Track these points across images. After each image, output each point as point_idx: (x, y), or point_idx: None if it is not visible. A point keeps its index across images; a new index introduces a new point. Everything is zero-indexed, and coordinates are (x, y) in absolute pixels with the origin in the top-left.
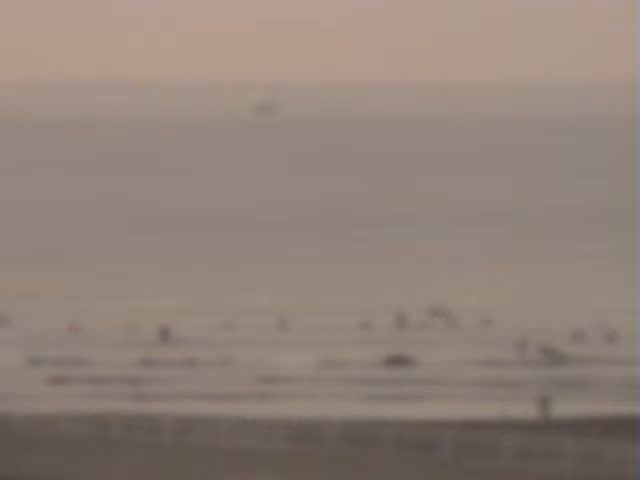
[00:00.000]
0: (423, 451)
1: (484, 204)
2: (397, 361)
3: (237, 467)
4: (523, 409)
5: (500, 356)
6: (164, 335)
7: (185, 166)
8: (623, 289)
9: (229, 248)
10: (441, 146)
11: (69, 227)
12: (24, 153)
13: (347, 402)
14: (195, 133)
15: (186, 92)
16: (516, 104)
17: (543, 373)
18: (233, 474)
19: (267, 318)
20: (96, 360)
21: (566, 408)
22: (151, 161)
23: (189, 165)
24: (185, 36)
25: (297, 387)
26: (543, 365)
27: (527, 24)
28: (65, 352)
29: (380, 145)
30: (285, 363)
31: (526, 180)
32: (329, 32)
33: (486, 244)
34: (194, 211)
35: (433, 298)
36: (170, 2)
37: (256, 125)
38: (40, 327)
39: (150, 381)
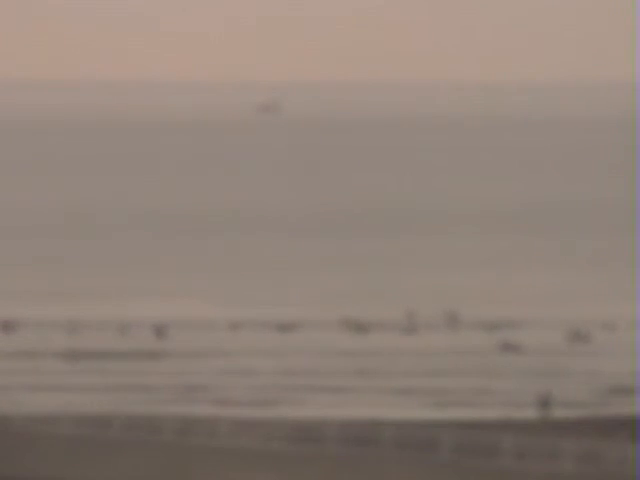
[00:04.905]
0: (423, 451)
1: (484, 205)
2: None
3: (237, 467)
4: (523, 410)
5: (498, 357)
6: (162, 336)
7: (187, 166)
8: (628, 293)
9: (230, 248)
10: (443, 146)
11: (69, 227)
12: (24, 153)
13: (348, 405)
14: (197, 133)
15: (188, 92)
16: (517, 104)
17: (542, 374)
18: (233, 474)
19: (272, 319)
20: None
21: (565, 408)
22: (152, 161)
23: (191, 165)
24: (186, 36)
25: (298, 392)
26: (542, 366)
27: (527, 24)
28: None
29: (383, 145)
30: (288, 366)
31: (529, 181)
32: (331, 32)
33: (488, 246)
34: (195, 212)
35: (439, 301)
36: (171, 1)
37: (259, 125)
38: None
39: (149, 382)
